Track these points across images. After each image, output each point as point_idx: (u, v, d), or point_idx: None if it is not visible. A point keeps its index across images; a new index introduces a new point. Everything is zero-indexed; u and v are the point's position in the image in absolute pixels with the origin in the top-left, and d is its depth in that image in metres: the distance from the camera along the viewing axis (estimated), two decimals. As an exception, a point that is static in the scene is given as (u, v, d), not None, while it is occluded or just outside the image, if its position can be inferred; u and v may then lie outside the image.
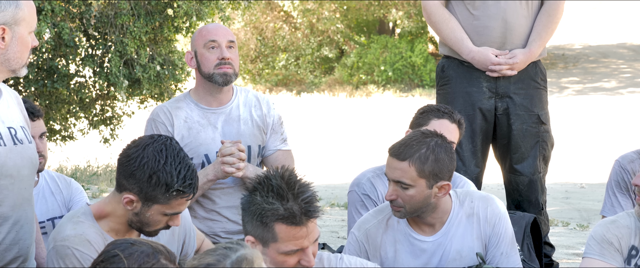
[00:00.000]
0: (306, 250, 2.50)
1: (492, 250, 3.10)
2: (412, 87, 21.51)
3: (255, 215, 2.49)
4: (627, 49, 24.21)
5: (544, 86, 4.45)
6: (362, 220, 3.15)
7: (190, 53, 3.66)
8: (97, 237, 2.67)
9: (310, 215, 2.48)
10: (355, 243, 3.09)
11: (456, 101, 4.29)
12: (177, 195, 2.63)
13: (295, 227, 2.46)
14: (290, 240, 2.47)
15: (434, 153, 2.95)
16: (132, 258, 2.21)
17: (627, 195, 3.83)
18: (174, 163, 2.62)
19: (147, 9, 8.52)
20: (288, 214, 2.45)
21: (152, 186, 2.62)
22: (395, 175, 2.96)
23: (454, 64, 4.39)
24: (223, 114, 3.65)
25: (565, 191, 8.96)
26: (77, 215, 2.75)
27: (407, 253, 3.07)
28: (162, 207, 2.66)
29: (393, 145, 3.00)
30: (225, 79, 3.58)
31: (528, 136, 4.35)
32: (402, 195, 2.97)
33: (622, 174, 3.84)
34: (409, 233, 3.07)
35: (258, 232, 2.50)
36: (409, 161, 2.93)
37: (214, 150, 3.61)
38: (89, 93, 8.97)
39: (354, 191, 3.66)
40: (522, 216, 3.99)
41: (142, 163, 2.60)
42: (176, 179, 2.61)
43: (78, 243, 2.65)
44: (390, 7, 22.41)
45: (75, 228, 2.69)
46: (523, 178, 4.36)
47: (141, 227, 2.71)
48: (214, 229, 3.64)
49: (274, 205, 2.46)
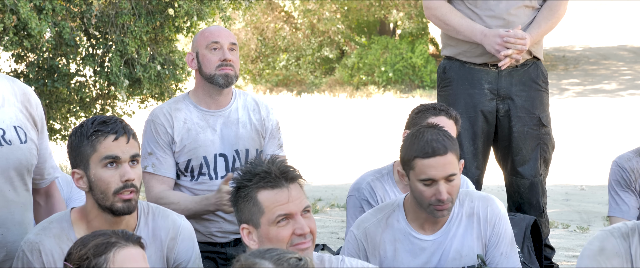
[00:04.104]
0: (296, 217, 2.48)
1: (491, 250, 3.10)
2: (413, 88, 21.49)
3: (240, 198, 2.53)
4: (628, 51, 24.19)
5: (546, 88, 4.44)
6: (362, 218, 3.14)
7: (192, 54, 3.65)
8: (54, 246, 2.64)
9: (287, 175, 2.50)
10: (354, 242, 3.08)
11: (458, 103, 4.27)
12: (95, 135, 2.61)
13: (275, 189, 2.48)
14: (274, 205, 2.47)
15: (451, 136, 3.00)
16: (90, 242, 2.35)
17: (630, 191, 3.85)
18: (88, 120, 2.67)
19: (148, 8, 8.50)
20: (264, 175, 2.48)
21: (76, 145, 2.64)
22: (447, 170, 2.95)
23: (456, 65, 4.37)
24: (222, 116, 3.64)
25: (566, 193, 8.94)
26: (51, 219, 2.73)
27: (406, 252, 3.06)
28: (95, 157, 2.62)
29: (420, 147, 2.96)
30: (227, 80, 3.58)
31: (529, 138, 4.34)
32: (451, 190, 2.96)
33: (621, 172, 3.87)
34: (409, 232, 3.07)
35: (247, 213, 2.51)
36: (451, 152, 2.95)
37: (213, 152, 3.60)
38: (89, 93, 8.95)
39: (353, 196, 3.65)
40: (523, 219, 3.99)
41: (69, 140, 2.67)
42: (90, 123, 2.64)
43: (29, 249, 2.64)
44: (391, 8, 22.40)
45: (37, 234, 2.67)
46: (524, 180, 4.35)
47: (103, 200, 2.65)
48: (210, 229, 3.64)
49: (252, 177, 2.50)
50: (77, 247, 2.36)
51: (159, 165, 3.60)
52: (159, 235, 2.77)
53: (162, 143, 3.60)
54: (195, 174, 3.63)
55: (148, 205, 2.84)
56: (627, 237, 2.69)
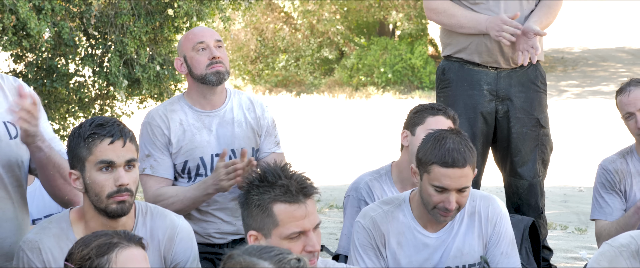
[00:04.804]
0: (308, 234, 2.48)
1: (492, 249, 3.13)
2: (412, 89, 21.48)
3: (253, 204, 2.50)
4: (626, 53, 24.20)
5: (544, 89, 4.44)
6: (367, 209, 3.16)
7: (180, 59, 3.64)
8: (54, 245, 2.64)
9: (306, 192, 2.49)
10: (363, 231, 3.09)
11: (457, 104, 4.26)
12: (92, 138, 2.61)
13: (293, 205, 2.47)
14: (290, 221, 2.46)
15: (472, 147, 2.98)
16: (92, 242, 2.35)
17: (614, 193, 3.86)
18: (86, 121, 2.67)
19: (147, 9, 8.48)
20: (284, 190, 2.46)
21: (73, 146, 2.64)
22: (460, 183, 2.95)
23: (455, 66, 4.37)
24: (217, 117, 3.64)
25: (564, 194, 8.94)
26: (51, 219, 2.74)
27: (410, 247, 3.09)
28: (90, 160, 2.61)
29: (441, 156, 2.92)
30: (219, 77, 3.58)
31: (527, 139, 4.34)
32: (461, 200, 2.98)
33: (606, 175, 3.88)
34: (414, 227, 3.09)
35: (258, 222, 2.49)
36: (469, 165, 2.94)
37: (209, 153, 3.60)
38: (88, 93, 8.93)
39: (351, 196, 3.66)
40: (521, 220, 3.99)
41: (68, 141, 2.68)
42: (87, 125, 2.64)
43: (29, 248, 2.65)
44: (390, 9, 22.39)
45: (37, 234, 2.68)
46: (523, 181, 4.35)
47: (97, 203, 2.64)
48: (207, 230, 3.64)
49: (270, 188, 2.48)
50: (78, 247, 2.36)
51: (157, 167, 3.59)
52: (157, 235, 2.76)
53: (159, 144, 3.59)
54: (192, 175, 3.62)
55: (146, 205, 2.83)
56: (637, 254, 2.65)
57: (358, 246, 3.09)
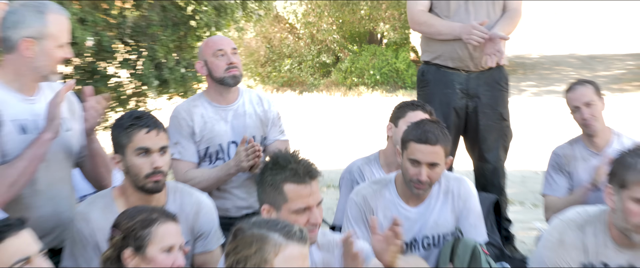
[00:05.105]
0: (312, 209, 2.51)
1: (463, 221, 3.15)
2: (396, 88, 21.45)
3: (267, 183, 2.53)
4: (576, 58, 24.17)
5: (507, 89, 4.46)
6: (359, 187, 3.19)
7: (200, 62, 3.66)
8: (100, 216, 2.65)
9: (311, 174, 2.51)
10: (355, 206, 3.12)
11: (434, 101, 4.29)
12: (131, 128, 2.62)
13: (300, 185, 2.49)
14: (298, 198, 2.48)
15: (446, 133, 2.99)
16: (136, 215, 2.36)
17: (562, 174, 3.89)
18: (125, 114, 2.68)
19: (173, 20, 8.48)
20: (294, 173, 2.49)
21: (116, 135, 2.65)
22: (432, 158, 2.96)
23: (433, 69, 4.39)
24: (232, 110, 3.66)
25: (523, 176, 8.96)
26: (97, 195, 2.77)
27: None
28: (130, 147, 2.62)
29: (417, 134, 2.96)
30: (235, 80, 3.61)
31: (492, 130, 4.36)
32: (432, 175, 2.98)
33: (556, 158, 3.92)
34: (398, 203, 3.12)
35: (271, 198, 2.52)
36: (440, 144, 2.94)
37: (226, 140, 3.63)
38: (124, 91, 8.93)
39: (345, 178, 3.69)
40: (487, 197, 4.02)
41: (111, 130, 2.68)
42: (127, 117, 2.65)
43: (80, 219, 2.67)
44: (378, 21, 22.36)
45: (85, 207, 2.70)
46: (489, 165, 4.38)
47: (137, 181, 2.65)
48: (226, 205, 3.67)
49: (282, 171, 2.50)
50: (124, 219, 2.38)
51: (184, 152, 3.62)
52: (185, 210, 2.79)
53: (185, 133, 3.61)
54: (212, 159, 3.65)
55: (175, 184, 2.85)
56: (582, 228, 2.65)
57: (351, 218, 3.12)
